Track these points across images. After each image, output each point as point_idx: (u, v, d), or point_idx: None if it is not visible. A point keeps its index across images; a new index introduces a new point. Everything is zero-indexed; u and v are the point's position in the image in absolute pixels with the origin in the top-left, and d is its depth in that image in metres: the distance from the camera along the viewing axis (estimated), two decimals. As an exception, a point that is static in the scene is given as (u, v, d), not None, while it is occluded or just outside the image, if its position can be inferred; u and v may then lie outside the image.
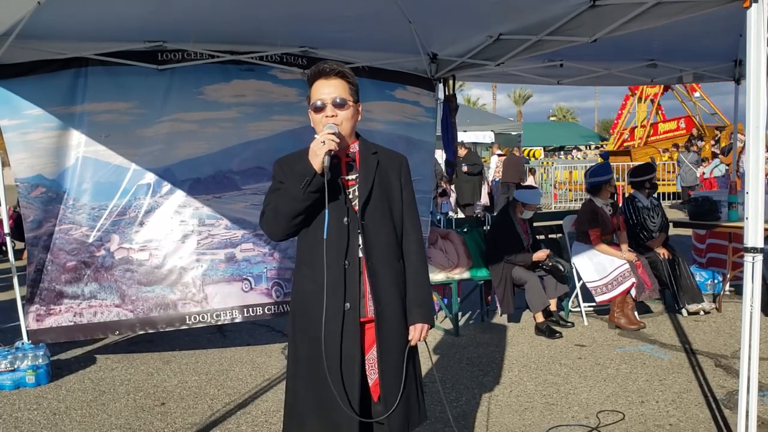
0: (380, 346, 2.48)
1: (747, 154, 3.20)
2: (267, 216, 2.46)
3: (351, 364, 2.43)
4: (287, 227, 2.43)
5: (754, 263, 3.19)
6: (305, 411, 2.49)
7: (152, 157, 5.19)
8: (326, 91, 2.42)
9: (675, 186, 18.66)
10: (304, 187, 2.32)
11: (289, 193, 2.37)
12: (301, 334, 2.49)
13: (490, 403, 4.33)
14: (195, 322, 5.32)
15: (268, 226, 2.47)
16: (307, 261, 2.48)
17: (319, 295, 2.41)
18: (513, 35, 5.31)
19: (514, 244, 6.11)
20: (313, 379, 2.45)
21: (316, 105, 2.43)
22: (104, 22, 4.52)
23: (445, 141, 6.69)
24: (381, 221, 2.50)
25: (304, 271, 2.49)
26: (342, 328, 2.42)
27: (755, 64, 3.11)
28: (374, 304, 2.46)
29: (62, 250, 5.01)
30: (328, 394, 2.40)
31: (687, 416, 4.03)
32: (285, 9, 4.62)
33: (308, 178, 2.32)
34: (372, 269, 2.46)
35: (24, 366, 4.83)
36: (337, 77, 2.44)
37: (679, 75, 7.38)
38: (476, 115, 21.42)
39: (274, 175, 2.50)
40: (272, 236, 2.49)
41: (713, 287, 6.75)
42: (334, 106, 2.42)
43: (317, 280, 2.43)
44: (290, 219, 2.40)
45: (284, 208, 2.39)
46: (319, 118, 2.43)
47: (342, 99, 2.42)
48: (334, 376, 2.40)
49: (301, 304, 2.50)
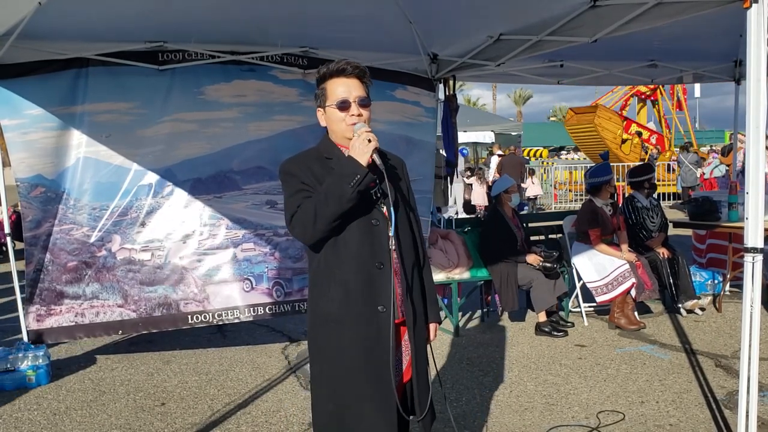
0: (415, 349, 2.48)
1: (747, 154, 3.21)
2: (302, 219, 2.31)
3: (387, 367, 2.38)
4: (326, 229, 2.31)
5: (754, 263, 3.19)
6: (351, 417, 2.41)
7: (153, 158, 5.20)
8: (350, 90, 2.39)
9: (675, 186, 18.67)
10: (354, 186, 2.24)
11: (335, 194, 2.25)
12: (337, 344, 2.39)
13: (490, 403, 4.33)
14: (197, 322, 5.33)
15: (303, 228, 2.32)
16: (334, 267, 2.38)
17: (353, 300, 2.37)
18: (513, 35, 5.31)
19: (507, 240, 6.13)
20: (353, 386, 2.39)
21: (342, 102, 2.38)
22: (105, 22, 4.52)
23: (445, 141, 6.69)
24: (405, 222, 2.50)
25: (335, 275, 2.38)
26: (379, 332, 2.38)
27: (755, 64, 3.11)
28: (409, 306, 2.45)
29: (63, 250, 5.02)
30: (381, 395, 2.38)
31: (687, 416, 4.03)
32: (285, 9, 4.62)
33: (359, 177, 2.24)
34: (403, 271, 2.45)
35: (24, 366, 4.83)
36: (357, 78, 2.42)
37: (679, 75, 7.39)
38: (476, 116, 21.45)
39: (292, 177, 2.39)
40: (308, 239, 2.36)
41: (713, 287, 6.75)
42: (360, 106, 2.39)
43: (349, 285, 2.37)
44: (333, 220, 2.29)
45: (330, 209, 2.27)
46: (343, 116, 2.38)
47: (367, 99, 2.41)
48: (382, 377, 2.37)
49: (329, 315, 2.39)
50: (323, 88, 2.43)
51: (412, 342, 2.47)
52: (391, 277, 2.38)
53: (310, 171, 2.39)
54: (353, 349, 2.37)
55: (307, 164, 2.41)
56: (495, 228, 6.26)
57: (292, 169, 2.41)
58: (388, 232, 2.40)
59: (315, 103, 2.49)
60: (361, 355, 2.38)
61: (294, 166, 2.42)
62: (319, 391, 2.48)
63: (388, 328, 2.37)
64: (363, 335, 2.37)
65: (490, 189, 6.55)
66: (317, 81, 2.47)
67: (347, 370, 2.39)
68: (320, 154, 2.45)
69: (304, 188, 2.36)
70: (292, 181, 2.39)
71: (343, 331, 2.38)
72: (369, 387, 2.38)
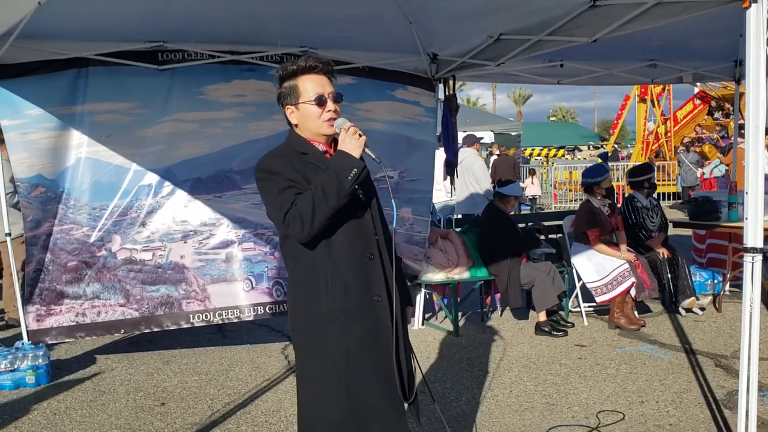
0: (403, 333, 2.53)
1: (746, 154, 3.21)
2: (300, 215, 2.27)
3: (390, 355, 2.45)
4: (324, 224, 2.30)
5: (753, 263, 3.19)
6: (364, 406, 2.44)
7: (153, 158, 5.20)
8: (324, 86, 2.42)
9: (675, 186, 18.66)
10: (352, 179, 2.27)
11: (333, 188, 2.26)
12: (342, 338, 2.40)
13: (490, 403, 4.33)
14: (199, 321, 5.35)
15: (302, 225, 2.28)
16: (329, 263, 2.38)
17: (352, 292, 2.40)
18: (513, 35, 5.31)
19: (510, 237, 6.16)
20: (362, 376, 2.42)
21: (321, 99, 2.40)
22: (105, 22, 4.52)
23: (445, 141, 6.69)
24: (381, 214, 2.56)
25: (332, 271, 2.38)
26: (378, 322, 2.44)
27: (755, 64, 3.11)
28: (395, 294, 2.49)
29: (63, 250, 5.02)
30: (380, 386, 2.43)
31: (687, 416, 4.03)
32: (285, 9, 4.62)
33: (357, 170, 2.28)
34: (388, 260, 2.50)
35: (24, 366, 4.83)
36: (326, 74, 2.45)
37: (679, 75, 7.38)
38: (476, 115, 21.44)
39: (275, 174, 2.36)
40: (305, 236, 2.32)
41: (713, 287, 6.75)
42: (334, 101, 2.43)
43: (346, 279, 2.39)
44: (330, 215, 2.29)
45: (329, 204, 2.27)
46: (320, 112, 2.40)
47: (340, 95, 2.45)
48: (386, 366, 2.44)
49: (331, 311, 2.39)
50: (293, 86, 2.43)
51: (400, 327, 2.52)
52: (381, 266, 2.45)
53: (291, 167, 2.38)
54: (357, 341, 2.41)
55: (287, 160, 2.41)
56: (497, 226, 6.27)
57: (273, 166, 2.39)
58: (372, 223, 2.47)
59: (283, 101, 2.47)
60: (365, 346, 2.42)
61: (274, 164, 2.40)
62: (318, 390, 2.45)
63: (387, 317, 2.44)
64: (366, 326, 2.42)
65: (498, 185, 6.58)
66: (282, 78, 2.46)
67: (353, 362, 2.41)
68: (295, 150, 2.45)
69: (292, 185, 2.34)
70: (276, 179, 2.36)
71: (348, 325, 2.40)
72: (375, 376, 2.43)
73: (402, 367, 2.51)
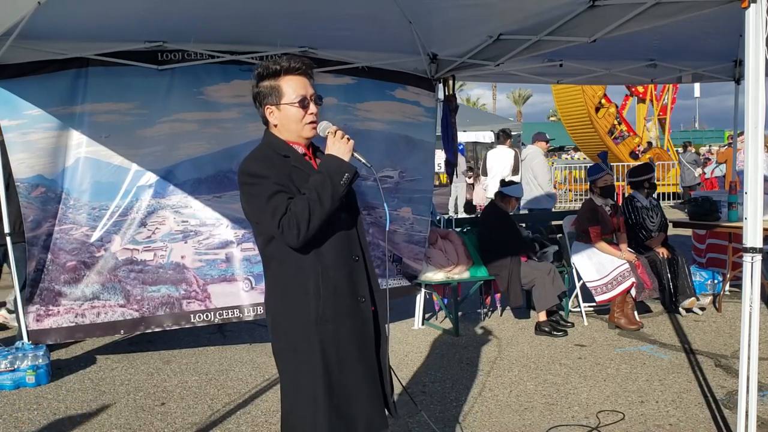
0: (383, 337, 2.54)
1: (746, 154, 3.21)
2: (296, 220, 2.25)
3: (374, 355, 2.50)
4: (318, 227, 2.28)
5: (753, 263, 3.19)
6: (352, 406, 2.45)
7: (153, 158, 5.20)
8: (306, 87, 2.41)
9: (677, 186, 18.64)
10: (345, 183, 2.29)
11: (328, 192, 2.26)
12: (333, 341, 2.39)
13: (490, 403, 4.33)
14: (199, 321, 5.35)
15: (298, 230, 2.25)
16: (318, 266, 2.36)
17: (342, 295, 2.40)
18: (513, 35, 5.32)
19: (512, 236, 6.15)
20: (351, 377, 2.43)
21: (303, 101, 2.38)
22: (104, 22, 4.52)
23: (445, 141, 6.68)
24: (358, 217, 2.56)
25: (322, 274, 2.37)
26: (363, 322, 2.46)
27: (754, 64, 3.12)
28: (377, 296, 2.52)
29: (63, 250, 5.02)
30: (367, 386, 2.46)
31: (687, 416, 4.03)
32: (285, 9, 4.62)
33: (349, 175, 2.29)
34: (370, 262, 2.53)
35: (24, 366, 4.83)
36: (307, 75, 2.43)
37: (679, 75, 7.38)
38: (476, 115, 21.40)
39: (262, 178, 2.31)
40: (300, 240, 2.27)
41: (713, 287, 6.75)
42: (315, 103, 2.42)
43: (336, 282, 2.39)
44: (324, 218, 2.28)
45: (324, 208, 2.26)
46: (302, 114, 2.39)
47: (320, 97, 2.45)
48: (372, 365, 2.48)
49: (324, 315, 2.37)
50: (276, 86, 2.39)
51: (381, 333, 2.55)
52: (365, 268, 2.48)
53: (276, 169, 2.35)
54: (348, 343, 2.42)
55: (272, 162, 2.37)
56: (499, 225, 6.27)
57: (259, 170, 2.34)
58: (355, 225, 2.48)
59: (262, 101, 2.43)
60: (354, 347, 2.43)
61: (260, 167, 2.34)
62: (308, 392, 2.40)
63: (371, 317, 2.48)
64: (353, 328, 2.43)
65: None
66: (263, 77, 2.43)
67: (343, 363, 2.42)
68: (276, 152, 2.41)
69: (281, 189, 2.30)
70: (264, 183, 2.31)
71: (338, 328, 2.40)
72: (363, 375, 2.45)
73: (383, 367, 2.54)
